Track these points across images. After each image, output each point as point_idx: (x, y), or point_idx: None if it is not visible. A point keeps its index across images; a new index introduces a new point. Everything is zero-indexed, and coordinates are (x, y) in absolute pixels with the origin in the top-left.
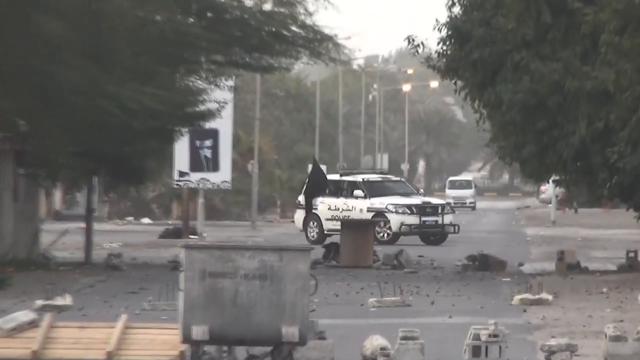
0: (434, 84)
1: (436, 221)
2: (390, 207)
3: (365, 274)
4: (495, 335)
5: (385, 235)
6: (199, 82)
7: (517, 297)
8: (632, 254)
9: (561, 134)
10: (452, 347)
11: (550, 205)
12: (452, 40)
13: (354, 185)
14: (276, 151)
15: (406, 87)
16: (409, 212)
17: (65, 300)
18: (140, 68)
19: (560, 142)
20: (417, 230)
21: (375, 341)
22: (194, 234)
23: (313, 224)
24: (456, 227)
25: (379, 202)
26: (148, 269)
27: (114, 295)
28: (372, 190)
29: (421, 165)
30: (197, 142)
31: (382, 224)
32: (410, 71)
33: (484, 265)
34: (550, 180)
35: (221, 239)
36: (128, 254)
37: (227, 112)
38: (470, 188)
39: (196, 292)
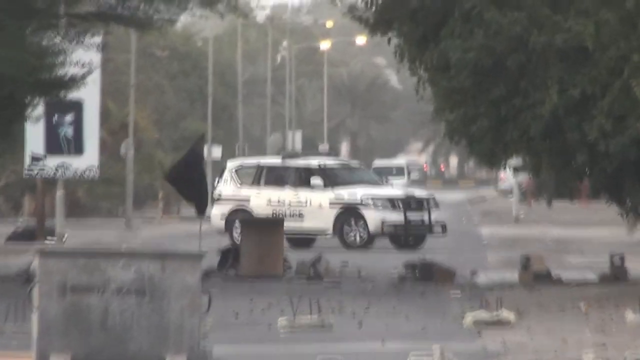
0: (361, 40)
1: (422, 219)
2: (367, 201)
3: (273, 286)
4: None
5: (358, 237)
6: (57, 39)
7: (470, 317)
8: (617, 260)
9: (525, 104)
10: None
11: (511, 197)
12: None
13: (308, 172)
14: (157, 128)
15: (324, 45)
16: (390, 207)
17: None
18: None
19: (524, 114)
20: (402, 231)
21: None
22: (52, 235)
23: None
24: (444, 227)
25: (347, 194)
26: None
27: None
28: (334, 178)
29: (344, 145)
30: (55, 118)
31: (353, 222)
32: (329, 24)
33: (426, 275)
34: (506, 165)
35: (87, 242)
36: None
37: (94, 78)
38: (402, 175)
39: (54, 311)
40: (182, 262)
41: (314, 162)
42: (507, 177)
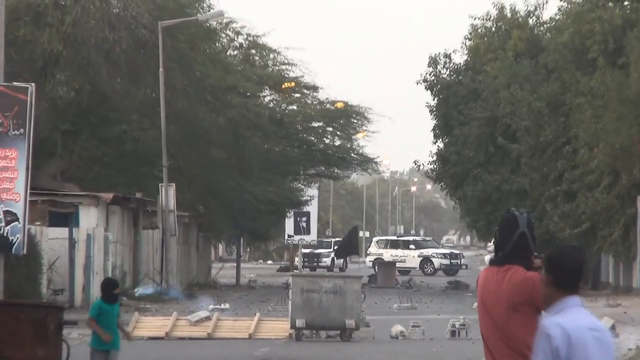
0: None
1: None
2: None
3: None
4: None
5: None
6: (299, 184)
7: None
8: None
9: None
10: None
11: None
12: None
13: None
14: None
15: None
16: None
17: (225, 305)
18: (266, 177)
19: None
20: None
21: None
22: (297, 269)
23: None
24: None
25: None
26: (271, 288)
27: (252, 302)
28: None
29: None
30: (298, 218)
31: None
32: None
33: None
34: None
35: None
36: (260, 280)
37: (314, 202)
38: None
39: (298, 300)
40: (353, 280)
41: None
42: None
